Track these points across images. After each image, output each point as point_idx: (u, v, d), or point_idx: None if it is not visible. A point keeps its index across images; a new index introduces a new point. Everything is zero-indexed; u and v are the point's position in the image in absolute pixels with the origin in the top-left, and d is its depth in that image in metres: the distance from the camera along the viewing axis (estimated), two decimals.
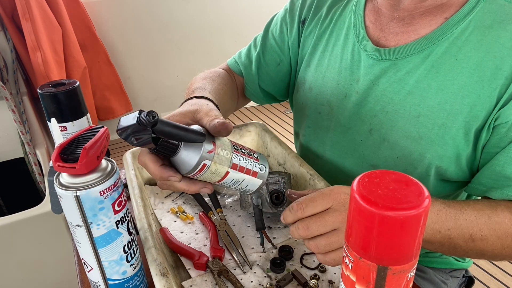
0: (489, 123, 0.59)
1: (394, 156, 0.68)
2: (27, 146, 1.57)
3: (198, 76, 0.78)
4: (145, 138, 0.45)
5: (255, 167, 0.54)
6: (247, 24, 2.69)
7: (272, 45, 0.85)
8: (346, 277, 0.36)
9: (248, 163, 0.54)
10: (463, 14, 0.61)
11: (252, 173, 0.54)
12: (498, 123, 0.59)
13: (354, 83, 0.71)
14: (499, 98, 0.58)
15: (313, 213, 0.50)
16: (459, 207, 0.56)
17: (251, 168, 0.54)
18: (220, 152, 0.50)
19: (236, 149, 0.53)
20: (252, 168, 0.54)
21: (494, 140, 0.60)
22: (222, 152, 0.50)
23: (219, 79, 0.79)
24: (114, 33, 2.42)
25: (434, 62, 0.62)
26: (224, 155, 0.51)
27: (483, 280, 1.58)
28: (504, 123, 0.58)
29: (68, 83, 0.62)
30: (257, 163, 0.55)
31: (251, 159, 0.54)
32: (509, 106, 0.57)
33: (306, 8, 0.81)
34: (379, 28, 0.69)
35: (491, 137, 0.60)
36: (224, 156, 0.51)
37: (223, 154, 0.50)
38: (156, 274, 0.51)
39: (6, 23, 1.84)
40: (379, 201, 0.30)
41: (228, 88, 0.81)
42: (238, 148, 0.53)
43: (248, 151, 0.55)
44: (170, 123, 0.47)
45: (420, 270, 0.82)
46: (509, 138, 0.58)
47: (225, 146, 0.51)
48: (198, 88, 0.68)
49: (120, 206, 0.48)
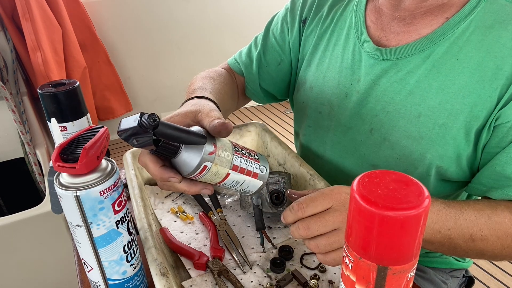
0: (490, 123, 0.59)
1: (394, 156, 0.68)
2: (27, 146, 1.57)
3: (198, 76, 0.78)
4: (146, 140, 0.45)
5: (255, 168, 0.54)
6: (247, 24, 2.69)
7: (273, 44, 0.85)
8: (346, 277, 0.36)
9: (248, 164, 0.54)
10: (464, 14, 0.61)
11: (252, 174, 0.54)
12: (498, 123, 0.59)
13: (355, 82, 0.71)
14: (500, 98, 0.58)
15: (314, 213, 0.50)
16: (459, 207, 0.56)
17: (252, 169, 0.54)
18: (221, 153, 0.50)
19: (237, 151, 0.53)
20: (253, 170, 0.54)
21: (495, 140, 0.60)
22: (223, 153, 0.50)
23: (220, 79, 0.79)
24: (114, 33, 2.42)
25: (435, 62, 0.62)
26: (225, 157, 0.51)
27: (483, 280, 1.58)
28: (505, 123, 0.58)
29: (68, 83, 0.62)
30: (258, 164, 0.55)
31: (252, 160, 0.54)
32: (510, 106, 0.57)
33: (307, 8, 0.81)
34: (380, 28, 0.69)
35: (492, 137, 0.60)
36: (225, 158, 0.51)
37: (224, 155, 0.50)
38: (156, 274, 0.51)
39: (6, 23, 1.84)
40: (379, 201, 0.30)
41: (228, 88, 0.81)
42: (239, 150, 0.53)
43: (249, 152, 0.55)
44: (171, 125, 0.47)
45: (420, 270, 0.82)
46: (510, 138, 0.58)
47: (226, 147, 0.51)
48: (198, 88, 0.68)
49: (120, 206, 0.48)
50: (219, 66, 0.91)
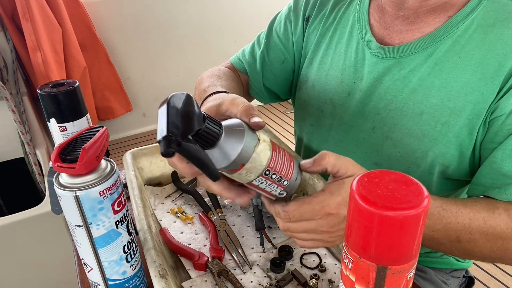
0: (486, 117, 0.59)
1: (397, 154, 0.68)
2: (27, 146, 1.57)
3: (204, 75, 0.78)
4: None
5: (273, 191, 0.50)
6: (247, 24, 2.69)
7: (277, 43, 0.85)
8: (346, 277, 0.36)
9: (268, 187, 0.49)
10: (466, 12, 0.61)
11: (268, 193, 0.50)
12: (493, 117, 0.59)
13: (358, 81, 0.71)
14: (498, 93, 0.58)
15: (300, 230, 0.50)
16: (455, 209, 0.56)
17: (269, 191, 0.50)
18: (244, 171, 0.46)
19: (266, 175, 0.47)
20: (270, 191, 0.50)
21: (490, 135, 0.60)
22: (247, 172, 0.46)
23: (226, 76, 0.79)
24: (114, 33, 2.42)
25: (438, 60, 0.63)
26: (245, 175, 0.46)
27: (483, 280, 1.58)
28: (499, 116, 0.58)
29: (68, 83, 0.62)
30: (280, 189, 0.49)
31: (275, 185, 0.49)
32: (504, 99, 0.57)
33: (310, 6, 0.81)
34: (383, 26, 0.69)
35: (487, 132, 0.60)
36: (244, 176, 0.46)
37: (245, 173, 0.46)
38: (155, 276, 0.51)
39: (6, 23, 1.84)
40: (379, 201, 0.30)
41: (236, 84, 0.80)
42: (269, 174, 0.47)
43: (281, 177, 0.48)
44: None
45: (421, 270, 0.82)
46: (504, 132, 0.58)
47: (256, 168, 0.46)
48: (208, 87, 0.67)
49: (120, 206, 0.48)
50: (222, 65, 0.90)
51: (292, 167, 0.49)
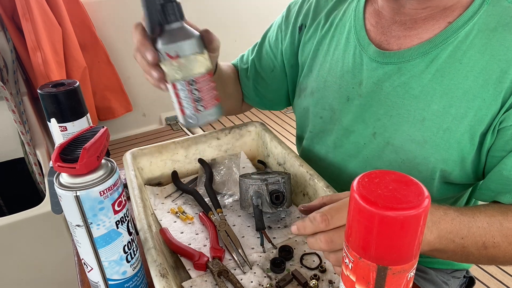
0: (494, 127, 0.59)
1: (398, 160, 0.67)
2: (27, 146, 1.57)
3: None
4: None
5: (185, 107, 0.55)
6: (247, 24, 2.69)
7: (267, 51, 0.87)
8: (346, 277, 0.36)
9: (184, 99, 0.54)
10: (466, 17, 0.61)
11: (180, 109, 0.56)
12: (503, 126, 0.58)
13: (356, 86, 0.71)
14: (504, 101, 0.58)
15: (339, 225, 0.46)
16: (471, 214, 0.55)
17: (182, 103, 0.55)
18: (182, 61, 0.52)
19: (191, 84, 0.53)
20: (182, 105, 0.55)
21: (499, 144, 0.60)
22: (186, 62, 0.52)
23: (226, 65, 0.85)
24: (114, 33, 2.42)
25: (439, 66, 0.62)
26: (183, 65, 0.52)
27: (484, 280, 1.58)
28: (509, 126, 0.58)
29: (68, 83, 0.62)
30: (192, 106, 0.55)
31: (190, 102, 0.54)
32: None
33: (303, 15, 0.81)
34: (380, 31, 0.69)
35: (496, 141, 0.60)
36: (182, 67, 0.52)
37: (185, 63, 0.52)
38: (156, 275, 0.51)
39: (6, 23, 1.84)
40: (379, 201, 0.31)
41: (231, 72, 0.86)
42: (193, 83, 0.53)
43: (201, 97, 0.55)
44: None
45: (422, 271, 0.82)
46: None
47: (186, 69, 0.52)
48: None
49: (120, 206, 0.48)
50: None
51: (214, 104, 0.56)
